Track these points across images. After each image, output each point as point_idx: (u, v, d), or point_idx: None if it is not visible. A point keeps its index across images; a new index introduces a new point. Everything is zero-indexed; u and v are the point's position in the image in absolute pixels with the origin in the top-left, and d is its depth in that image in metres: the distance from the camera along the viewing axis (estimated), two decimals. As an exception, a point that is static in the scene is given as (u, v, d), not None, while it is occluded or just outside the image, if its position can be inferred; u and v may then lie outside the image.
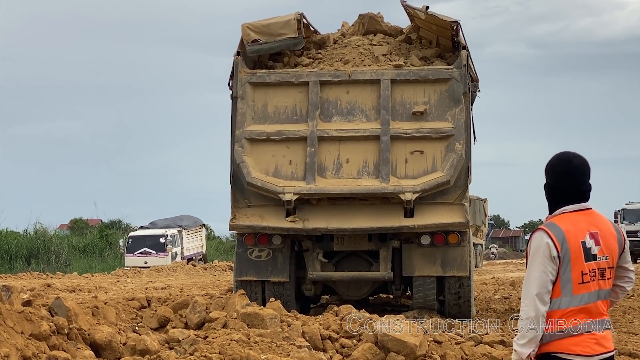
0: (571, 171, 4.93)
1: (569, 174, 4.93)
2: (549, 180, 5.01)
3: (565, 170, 4.93)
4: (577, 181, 4.94)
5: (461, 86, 14.79)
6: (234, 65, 15.26)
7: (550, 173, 5.01)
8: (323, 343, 10.92)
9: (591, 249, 4.86)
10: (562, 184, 4.95)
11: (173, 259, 46.14)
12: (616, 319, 16.79)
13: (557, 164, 4.97)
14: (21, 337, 10.09)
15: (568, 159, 4.96)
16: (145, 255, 45.92)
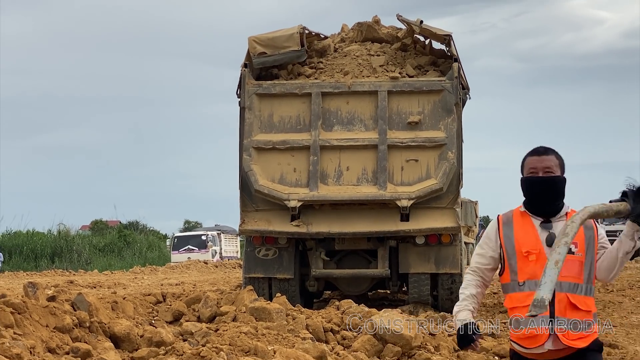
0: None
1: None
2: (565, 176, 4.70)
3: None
4: None
5: (453, 97, 14.79)
6: (241, 76, 15.25)
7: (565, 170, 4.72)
8: (325, 335, 10.92)
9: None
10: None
11: (213, 256, 47.98)
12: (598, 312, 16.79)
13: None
14: (46, 329, 10.10)
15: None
16: (188, 252, 47.79)
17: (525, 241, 4.49)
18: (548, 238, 4.43)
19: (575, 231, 4.04)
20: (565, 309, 4.42)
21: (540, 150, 4.57)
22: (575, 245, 4.37)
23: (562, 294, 4.40)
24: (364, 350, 10.13)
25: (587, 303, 4.47)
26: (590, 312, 4.49)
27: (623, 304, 18.33)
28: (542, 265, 4.29)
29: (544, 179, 4.48)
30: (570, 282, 4.43)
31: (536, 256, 4.47)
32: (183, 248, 49.63)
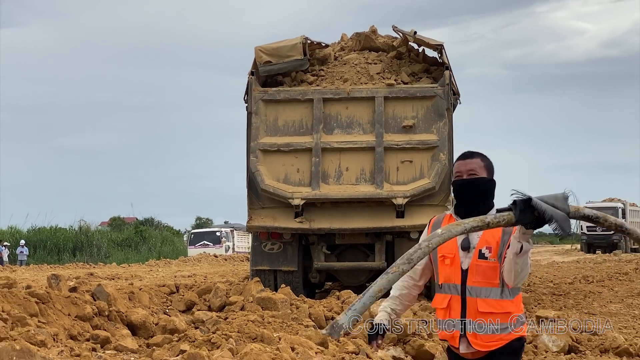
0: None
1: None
2: (493, 177, 4.43)
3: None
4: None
5: (444, 102, 14.80)
6: (248, 84, 15.27)
7: (494, 174, 4.46)
8: (327, 323, 10.92)
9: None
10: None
11: (226, 251, 48.42)
12: (578, 302, 16.79)
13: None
14: (68, 318, 10.11)
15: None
16: (204, 247, 48.32)
17: (445, 245, 4.08)
18: (463, 242, 4.26)
19: (424, 255, 3.66)
20: (476, 313, 4.20)
21: (466, 154, 4.40)
22: (489, 250, 4.20)
23: (473, 298, 4.21)
24: (363, 337, 10.12)
25: (503, 306, 4.22)
26: (508, 315, 4.23)
27: (602, 293, 18.35)
28: (457, 269, 4.26)
29: (465, 181, 4.30)
30: (482, 286, 4.21)
31: (451, 260, 4.30)
32: (199, 243, 50.35)
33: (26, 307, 9.86)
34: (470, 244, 4.23)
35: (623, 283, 20.67)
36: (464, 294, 4.22)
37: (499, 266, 4.18)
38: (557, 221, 3.73)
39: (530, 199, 3.74)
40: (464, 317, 4.21)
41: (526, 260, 4.06)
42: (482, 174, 4.30)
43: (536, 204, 3.74)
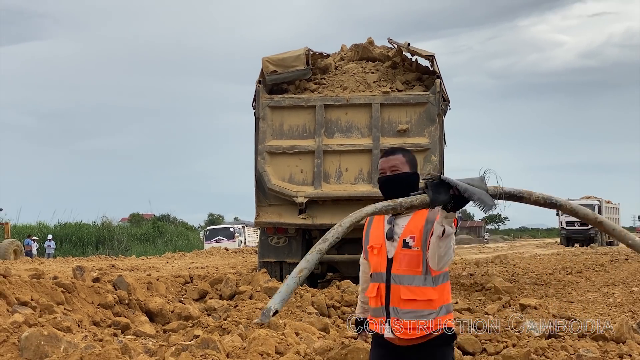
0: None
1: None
2: (417, 171, 4.30)
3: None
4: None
5: (436, 109, 14.79)
6: (256, 91, 15.29)
7: (417, 167, 4.33)
8: (328, 310, 10.92)
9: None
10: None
11: (239, 245, 48.70)
12: (558, 291, 16.80)
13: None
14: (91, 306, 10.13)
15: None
16: (219, 241, 48.64)
17: (374, 236, 4.19)
18: (388, 232, 4.12)
19: (338, 235, 3.51)
20: (399, 300, 4.05)
21: (388, 151, 4.31)
22: (412, 240, 4.04)
23: (397, 285, 4.06)
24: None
25: (426, 293, 4.03)
26: (432, 302, 4.05)
27: (580, 283, 18.35)
28: (383, 258, 4.13)
29: (388, 177, 4.19)
30: (406, 274, 4.05)
31: (378, 250, 4.16)
32: (214, 238, 50.67)
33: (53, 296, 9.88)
34: (394, 234, 4.11)
35: (599, 274, 20.69)
36: (388, 282, 4.09)
37: (422, 254, 4.03)
38: (476, 196, 3.53)
39: (440, 177, 3.60)
40: (388, 304, 4.08)
41: (449, 244, 3.86)
42: (405, 169, 4.20)
43: (449, 180, 3.58)
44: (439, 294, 4.07)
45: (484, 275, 19.60)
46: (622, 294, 15.92)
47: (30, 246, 41.43)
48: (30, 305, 9.24)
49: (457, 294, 14.57)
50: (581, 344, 9.99)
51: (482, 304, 12.65)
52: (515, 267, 24.19)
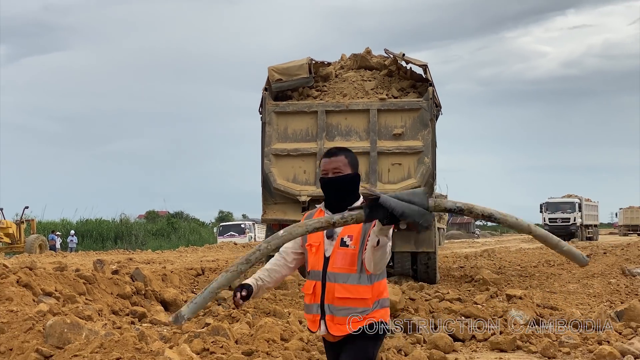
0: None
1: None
2: (358, 172, 4.08)
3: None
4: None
5: (428, 114, 14.79)
6: (263, 98, 15.30)
7: (358, 167, 4.10)
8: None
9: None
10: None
11: (249, 240, 48.98)
12: (541, 282, 16.79)
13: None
14: (111, 296, 10.13)
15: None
16: (230, 237, 48.88)
17: (313, 235, 3.92)
18: (327, 231, 3.88)
19: (262, 256, 3.44)
20: (334, 298, 3.84)
21: (330, 152, 4.04)
22: (350, 238, 3.86)
23: (332, 284, 3.85)
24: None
25: (360, 291, 3.83)
26: (366, 300, 3.85)
27: (562, 275, 18.35)
28: (321, 256, 3.94)
29: (331, 179, 3.96)
30: (341, 272, 3.84)
31: (316, 249, 3.96)
32: (227, 233, 50.85)
33: (75, 287, 9.89)
34: (334, 232, 3.91)
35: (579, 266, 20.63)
36: (324, 280, 3.88)
37: (358, 253, 3.84)
38: (410, 216, 3.36)
39: (378, 198, 3.40)
40: (323, 302, 3.87)
41: (384, 251, 3.72)
42: (347, 171, 3.97)
43: (385, 202, 3.39)
44: (373, 292, 3.88)
45: (473, 268, 19.62)
46: (601, 285, 15.91)
47: (54, 241, 41.46)
48: (55, 295, 9.25)
49: (448, 285, 14.57)
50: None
51: (471, 294, 12.65)
52: (502, 261, 24.19)
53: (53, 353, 6.45)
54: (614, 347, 8.90)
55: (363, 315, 3.84)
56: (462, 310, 10.69)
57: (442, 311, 10.68)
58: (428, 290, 12.26)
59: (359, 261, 3.81)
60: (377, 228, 3.56)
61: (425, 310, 10.64)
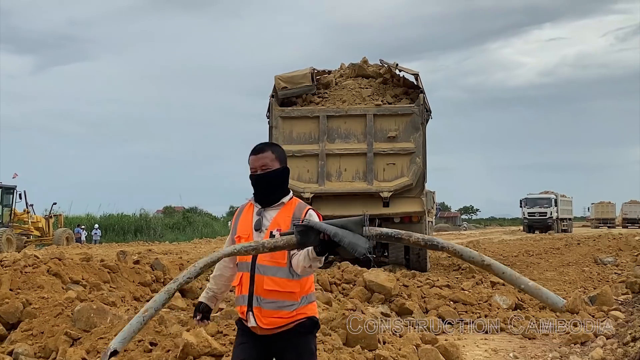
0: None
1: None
2: (287, 166, 3.79)
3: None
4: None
5: (420, 118, 14.80)
6: (270, 104, 15.30)
7: (286, 160, 3.79)
8: (331, 287, 10.92)
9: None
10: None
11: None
12: (522, 270, 16.78)
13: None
14: (132, 284, 10.12)
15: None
16: None
17: (242, 227, 3.65)
18: (256, 223, 3.58)
19: (190, 276, 3.18)
20: (262, 290, 3.52)
21: (257, 149, 3.70)
22: (279, 232, 3.46)
23: (261, 275, 3.52)
24: (358, 297, 10.11)
25: (289, 285, 3.52)
26: (294, 294, 3.54)
27: (540, 264, 18.34)
28: None
29: (260, 176, 3.61)
30: (270, 265, 3.51)
31: (244, 241, 3.57)
32: None
33: (100, 276, 9.87)
34: (262, 225, 3.58)
35: (556, 256, 20.67)
36: (253, 272, 3.54)
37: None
38: (346, 241, 3.05)
39: (309, 224, 3.12)
40: (251, 293, 3.55)
41: (315, 268, 3.44)
42: (275, 166, 3.65)
43: (318, 227, 3.10)
44: (301, 287, 3.57)
45: (460, 258, 19.59)
46: (575, 272, 15.91)
47: (79, 234, 41.45)
48: (82, 283, 9.23)
49: (437, 273, 14.56)
50: (542, 314, 9.98)
51: (459, 281, 12.64)
52: (486, 251, 24.18)
53: (81, 336, 6.44)
54: (588, 329, 8.89)
55: (294, 310, 3.54)
56: (451, 295, 10.68)
57: (432, 297, 10.67)
58: (420, 278, 12.24)
59: (289, 255, 3.49)
60: (311, 255, 3.27)
61: (418, 296, 10.63)
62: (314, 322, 3.64)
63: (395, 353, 6.78)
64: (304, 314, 3.58)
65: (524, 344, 8.53)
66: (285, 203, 3.65)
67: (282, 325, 3.53)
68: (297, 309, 3.55)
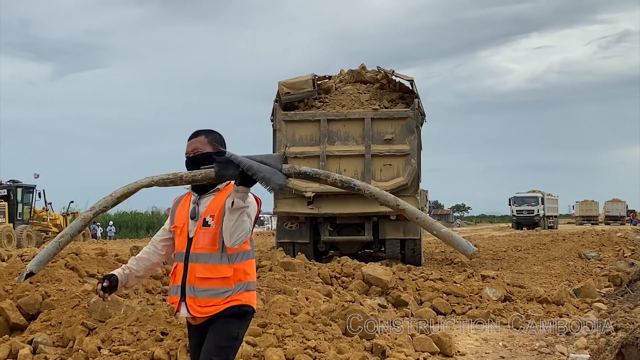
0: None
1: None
2: (223, 150, 3.31)
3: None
4: None
5: (414, 122, 14.79)
6: (274, 108, 15.29)
7: (224, 145, 3.46)
8: (331, 280, 10.91)
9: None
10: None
11: (267, 229, 49.17)
12: (511, 264, 16.77)
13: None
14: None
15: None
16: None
17: (179, 217, 3.44)
18: (191, 212, 3.37)
19: (107, 205, 3.03)
20: (195, 278, 3.29)
21: (192, 135, 3.46)
22: (212, 218, 3.30)
23: (194, 264, 3.30)
24: (356, 290, 10.12)
25: (221, 271, 3.28)
26: (227, 279, 3.29)
27: (528, 258, 18.33)
28: (185, 237, 3.36)
29: (190, 159, 3.39)
30: (202, 252, 3.29)
31: (180, 230, 3.40)
32: None
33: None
34: (197, 213, 3.35)
35: (542, 251, 20.65)
36: (187, 260, 3.32)
37: (219, 232, 3.27)
38: (261, 175, 2.92)
39: (229, 155, 2.95)
40: (184, 283, 3.32)
41: (241, 219, 3.15)
42: (206, 149, 3.37)
43: (235, 158, 2.92)
44: (236, 272, 3.32)
45: (453, 252, 19.59)
46: (561, 266, 15.90)
47: (95, 230, 41.49)
48: (97, 277, 9.23)
49: (431, 267, 14.55)
50: (529, 306, 9.98)
51: (451, 275, 12.64)
52: (477, 246, 24.16)
53: (96, 326, 6.45)
54: (573, 319, 8.89)
55: (228, 296, 3.29)
56: (444, 288, 10.68)
57: (426, 289, 10.67)
58: (415, 272, 12.23)
59: (221, 240, 3.26)
60: (233, 189, 3.10)
61: (413, 289, 10.63)
62: (244, 311, 3.36)
63: (392, 342, 6.79)
64: (238, 300, 3.32)
65: (513, 333, 8.53)
66: (221, 189, 3.39)
67: (215, 314, 3.30)
68: (231, 296, 3.30)
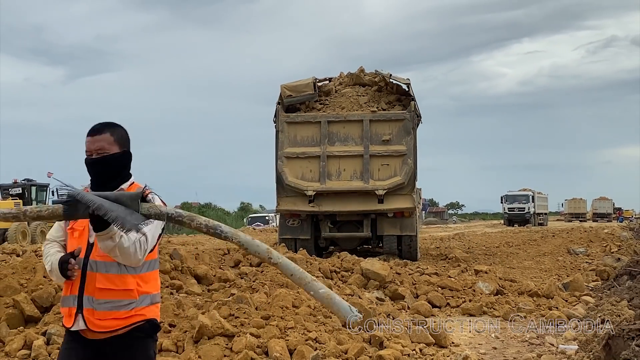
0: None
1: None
2: (129, 150, 3.02)
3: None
4: None
5: (411, 123, 14.78)
6: (276, 110, 15.28)
7: (129, 143, 3.02)
8: (331, 274, 10.91)
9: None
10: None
11: (273, 226, 49.40)
12: (503, 259, 16.77)
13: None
14: (154, 272, 10.12)
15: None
16: (257, 226, 49.62)
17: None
18: None
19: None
20: (94, 289, 2.82)
21: (94, 129, 2.93)
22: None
23: (93, 273, 2.83)
24: (355, 284, 10.12)
25: (124, 282, 2.84)
26: (131, 291, 2.85)
27: (519, 254, 18.33)
28: (84, 242, 2.86)
29: (95, 160, 2.89)
30: (104, 260, 2.82)
31: (79, 233, 2.89)
32: (254, 224, 51.08)
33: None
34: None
35: (533, 247, 20.65)
36: (85, 268, 2.84)
37: None
38: (113, 215, 2.45)
39: (76, 197, 2.49)
40: (82, 293, 2.84)
41: (125, 252, 2.72)
42: (113, 150, 2.92)
43: (83, 197, 2.47)
44: (140, 283, 2.90)
45: (447, 248, 19.59)
46: (551, 261, 15.90)
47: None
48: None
49: (427, 262, 14.55)
50: (520, 299, 9.99)
51: (446, 269, 12.64)
52: (470, 242, 24.17)
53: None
54: (562, 312, 8.89)
55: (132, 309, 2.86)
56: (439, 282, 10.68)
57: (422, 283, 10.68)
58: (411, 266, 12.24)
59: None
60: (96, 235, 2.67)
61: (409, 282, 10.64)
62: (153, 325, 2.96)
63: (389, 334, 6.79)
64: (143, 315, 2.90)
65: (504, 325, 8.53)
66: (125, 189, 2.97)
67: (117, 329, 2.85)
68: (136, 309, 2.87)
